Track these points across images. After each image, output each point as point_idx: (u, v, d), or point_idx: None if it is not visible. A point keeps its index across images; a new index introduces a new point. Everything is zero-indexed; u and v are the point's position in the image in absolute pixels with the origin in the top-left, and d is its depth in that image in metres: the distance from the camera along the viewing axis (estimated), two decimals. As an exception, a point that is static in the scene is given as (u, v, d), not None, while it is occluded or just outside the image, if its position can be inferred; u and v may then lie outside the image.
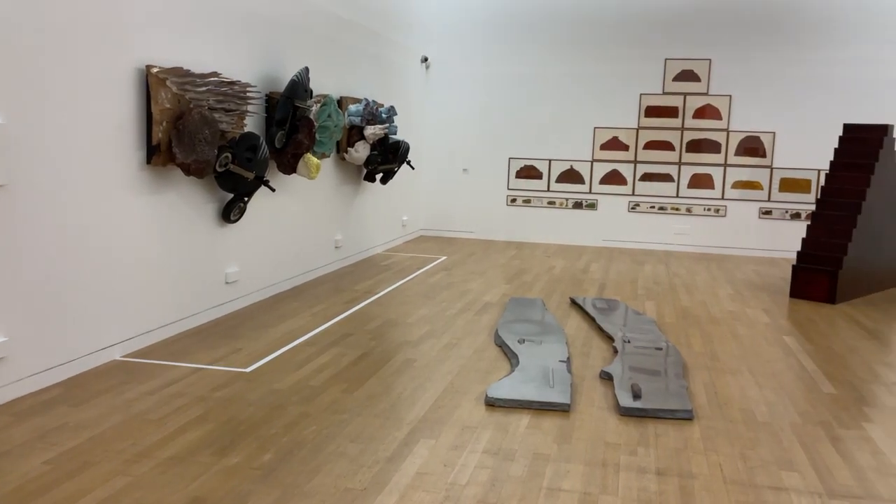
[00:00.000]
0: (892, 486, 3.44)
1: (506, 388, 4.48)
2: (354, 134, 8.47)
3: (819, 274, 7.67)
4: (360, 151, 8.46)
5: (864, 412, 4.45)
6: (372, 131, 8.45)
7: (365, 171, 9.00)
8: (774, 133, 10.67)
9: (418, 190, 11.46)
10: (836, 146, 8.50)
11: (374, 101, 8.62)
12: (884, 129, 8.28)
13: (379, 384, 4.65)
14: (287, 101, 6.58)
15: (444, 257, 9.69)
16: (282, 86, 6.81)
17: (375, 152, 8.70)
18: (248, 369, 4.85)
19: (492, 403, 4.32)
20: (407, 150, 9.13)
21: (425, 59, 11.44)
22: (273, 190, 6.49)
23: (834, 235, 7.88)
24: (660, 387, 4.61)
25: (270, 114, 6.64)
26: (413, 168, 9.85)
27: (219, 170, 5.69)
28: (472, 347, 5.55)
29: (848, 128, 8.52)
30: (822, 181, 8.50)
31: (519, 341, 5.50)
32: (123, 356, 5.02)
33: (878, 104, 10.18)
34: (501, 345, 5.56)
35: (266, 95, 6.66)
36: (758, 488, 3.37)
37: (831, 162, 8.41)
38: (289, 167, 6.86)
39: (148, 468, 3.38)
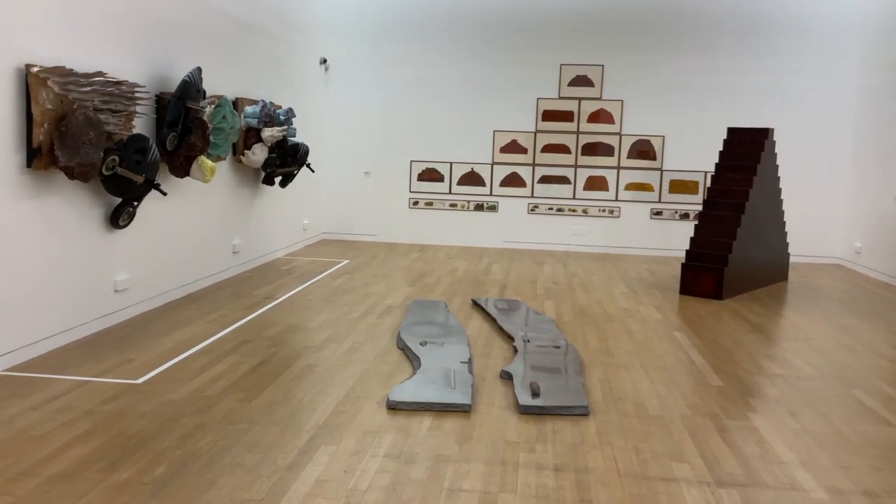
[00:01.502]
0: (776, 473, 3.63)
1: (407, 391, 4.47)
2: (251, 136, 8.29)
3: (706, 271, 8.03)
4: (258, 154, 8.29)
5: (749, 403, 4.67)
6: (270, 133, 8.29)
7: (263, 174, 8.82)
8: (664, 137, 11.10)
9: (319, 193, 11.33)
10: (721, 149, 8.92)
11: (271, 102, 8.46)
12: (765, 133, 8.74)
13: (278, 391, 4.56)
14: (179, 102, 6.37)
15: (346, 261, 9.61)
16: (173, 86, 6.59)
17: (274, 155, 8.54)
18: (140, 381, 4.66)
19: (394, 407, 4.30)
20: (306, 152, 9.01)
21: (324, 61, 11.32)
22: (164, 194, 6.27)
23: (720, 234, 8.26)
24: (558, 384, 4.71)
25: (161, 115, 6.41)
26: (313, 171, 9.72)
27: (105, 173, 5.45)
28: (375, 351, 5.52)
29: (732, 131, 8.96)
30: (709, 182, 8.90)
31: (421, 344, 5.51)
32: (5, 370, 4.74)
33: (760, 109, 10.74)
34: (403, 348, 5.56)
35: (156, 96, 6.43)
36: (650, 480, 3.48)
37: (716, 164, 8.82)
38: (182, 170, 6.64)
39: (31, 487, 3.20)
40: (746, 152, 8.67)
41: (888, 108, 9.63)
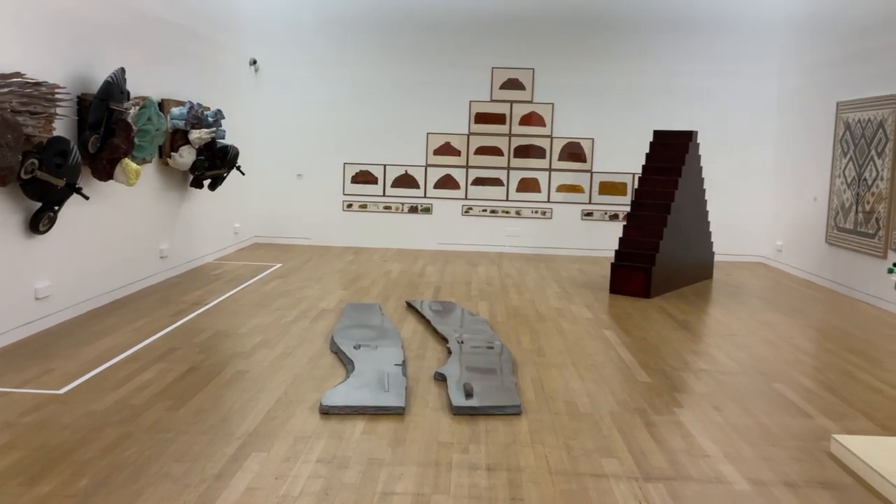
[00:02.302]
0: (701, 466, 3.73)
1: (340, 395, 4.45)
2: (179, 138, 8.11)
3: (635, 271, 8.21)
4: (186, 157, 8.11)
5: (675, 398, 4.80)
6: (197, 135, 8.12)
7: (191, 177, 8.64)
8: (593, 139, 11.31)
9: (251, 196, 11.15)
10: (648, 151, 9.14)
11: (199, 104, 8.29)
12: (689, 136, 8.99)
13: (207, 399, 4.48)
14: (101, 104, 6.19)
15: (279, 264, 9.49)
16: (95, 87, 6.40)
17: (202, 157, 8.37)
18: (62, 391, 4.51)
19: (326, 411, 4.27)
20: (236, 155, 8.86)
21: (254, 62, 11.16)
22: (86, 198, 6.09)
23: (647, 234, 8.46)
24: (491, 385, 4.75)
25: (83, 117, 6.22)
26: (243, 174, 9.57)
27: (24, 177, 5.26)
28: (308, 355, 5.47)
29: (657, 134, 9.19)
30: (637, 184, 9.12)
31: (355, 347, 5.48)
32: (-87, 384, 4.53)
33: (685, 112, 11.04)
34: (337, 351, 5.52)
35: (77, 97, 6.23)
36: (580, 476, 3.55)
37: (643, 166, 9.04)
38: (105, 173, 6.45)
39: (-59, 507, 3.07)
40: (671, 154, 8.91)
41: (807, 110, 10.03)
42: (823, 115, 9.43)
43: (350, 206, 11.57)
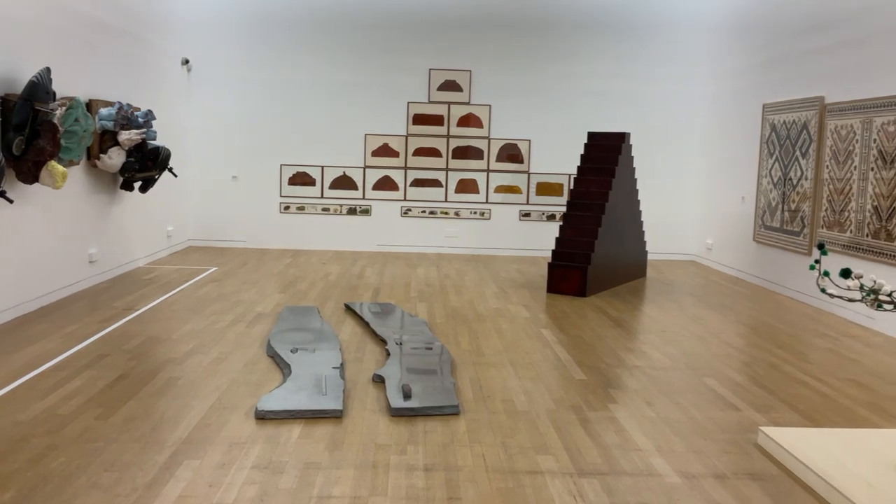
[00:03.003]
0: (634, 460, 3.81)
1: (277, 400, 4.39)
2: (107, 139, 7.90)
3: (571, 270, 8.33)
4: (115, 158, 7.91)
5: (609, 394, 4.89)
6: (127, 137, 7.92)
7: (121, 179, 8.42)
8: (530, 140, 11.44)
9: (184, 198, 10.93)
10: (583, 152, 9.29)
11: (128, 104, 8.09)
12: (622, 137, 9.17)
13: (138, 407, 4.37)
14: (26, 104, 5.98)
15: (214, 268, 9.32)
16: (19, 87, 6.18)
17: (132, 159, 8.16)
18: (-16, 402, 4.35)
19: (262, 416, 4.22)
20: (168, 156, 8.67)
21: (186, 62, 10.94)
22: (10, 201, 5.87)
23: (583, 234, 8.59)
24: (430, 385, 4.76)
25: (7, 118, 6.00)
26: (176, 175, 9.37)
27: (-59, 180, 5.05)
28: (243, 360, 5.39)
29: (592, 136, 9.35)
30: (572, 185, 9.25)
31: (292, 351, 5.43)
32: None
33: (619, 113, 11.25)
34: (274, 355, 5.46)
35: (1, 98, 6.00)
36: (517, 474, 3.58)
37: (578, 167, 9.18)
38: (30, 176, 6.24)
39: None
40: (605, 156, 9.07)
41: (734, 112, 10.33)
42: (750, 117, 9.74)
43: (287, 207, 11.44)
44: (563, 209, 10.90)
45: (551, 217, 11.50)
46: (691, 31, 11.26)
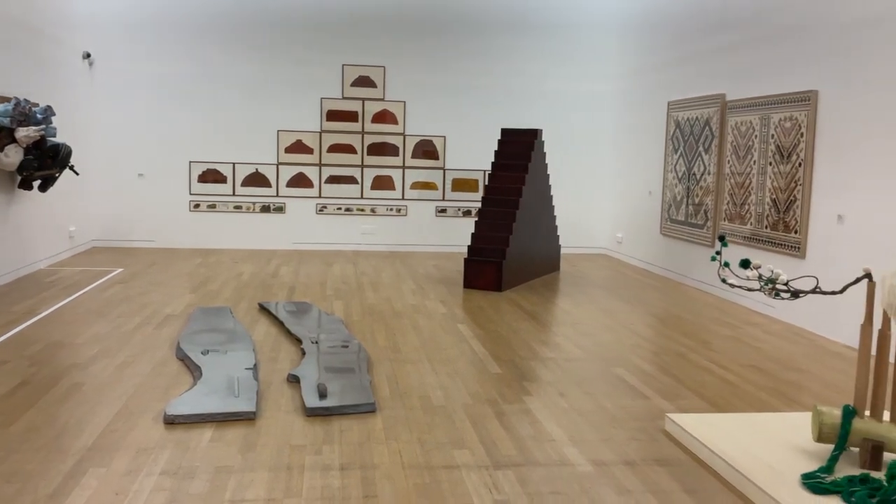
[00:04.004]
0: (547, 451, 3.88)
1: (187, 404, 4.28)
2: (4, 137, 7.52)
3: (487, 265, 8.42)
4: (12, 156, 7.53)
5: (524, 387, 4.96)
6: (25, 134, 7.56)
7: (19, 177, 8.02)
8: (445, 137, 11.49)
9: (88, 197, 10.50)
10: (496, 149, 9.39)
11: (26, 100, 7.72)
12: (534, 133, 9.32)
13: (40, 415, 4.18)
14: None
15: (120, 269, 8.99)
16: None
17: (31, 157, 7.80)
18: None
19: (171, 421, 4.10)
20: (69, 154, 8.32)
21: (88, 55, 10.51)
22: None
23: (497, 230, 8.69)
24: (346, 384, 4.72)
25: None
26: (77, 174, 8.99)
27: None
28: (151, 364, 5.22)
29: (505, 132, 9.46)
30: (487, 181, 9.35)
31: (202, 353, 5.29)
32: None
33: (532, 110, 11.42)
34: (184, 358, 5.31)
35: None
36: (433, 469, 3.60)
37: (492, 163, 9.28)
38: (-84, 175, 5.88)
39: None
40: (518, 152, 9.20)
41: (641, 109, 10.63)
42: (656, 114, 10.04)
43: (197, 206, 11.15)
44: (479, 205, 10.99)
45: (467, 213, 11.59)
46: (599, 31, 11.53)
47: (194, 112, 10.98)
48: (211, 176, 11.13)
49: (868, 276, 3.62)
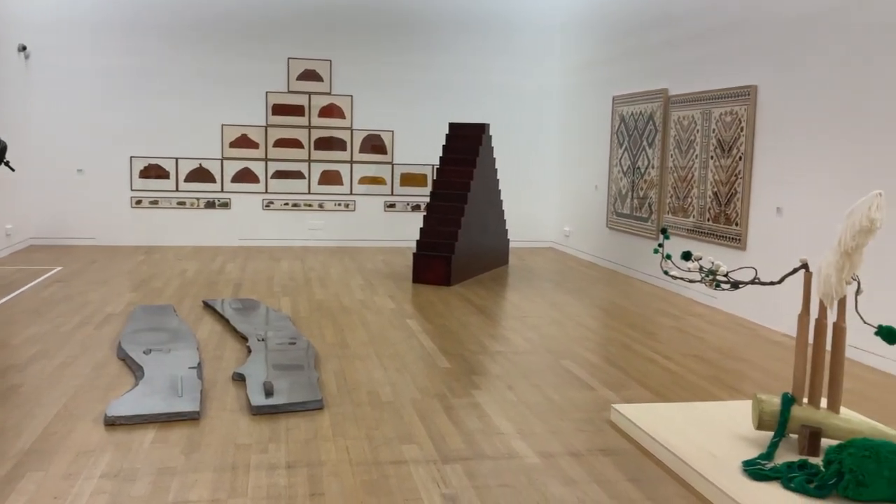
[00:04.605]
0: (495, 444, 3.90)
1: (128, 404, 4.18)
2: (-68, 131, 7.23)
3: (436, 259, 8.42)
4: (-59, 151, 7.25)
5: (473, 381, 4.98)
6: (-45, 128, 7.28)
7: (-50, 174, 7.74)
8: (393, 131, 11.44)
9: (24, 194, 10.17)
10: (444, 143, 9.39)
11: (-45, 92, 7.43)
12: (482, 128, 9.34)
13: (-28, 419, 4.04)
14: None
15: (59, 268, 8.74)
16: None
17: (-38, 152, 7.51)
18: None
19: (112, 423, 4.00)
20: (4, 149, 8.01)
21: (23, 48, 10.17)
22: None
23: (446, 224, 8.70)
24: (293, 381, 4.67)
25: None
26: (13, 170, 8.66)
27: None
28: (91, 364, 5.09)
29: (453, 126, 9.47)
30: (435, 175, 9.34)
31: (144, 352, 5.18)
32: None
33: (479, 104, 11.44)
34: (125, 357, 5.19)
35: None
36: (381, 465, 3.58)
37: (440, 158, 9.28)
38: None
39: None
40: (466, 146, 9.21)
41: (586, 104, 10.74)
42: (601, 109, 10.16)
43: (139, 202, 10.90)
44: (427, 200, 10.98)
45: (416, 207, 11.56)
46: (546, 25, 11.61)
47: (135, 106, 10.72)
48: (153, 171, 10.89)
49: (804, 266, 3.72)
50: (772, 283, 3.85)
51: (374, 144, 11.42)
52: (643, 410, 4.22)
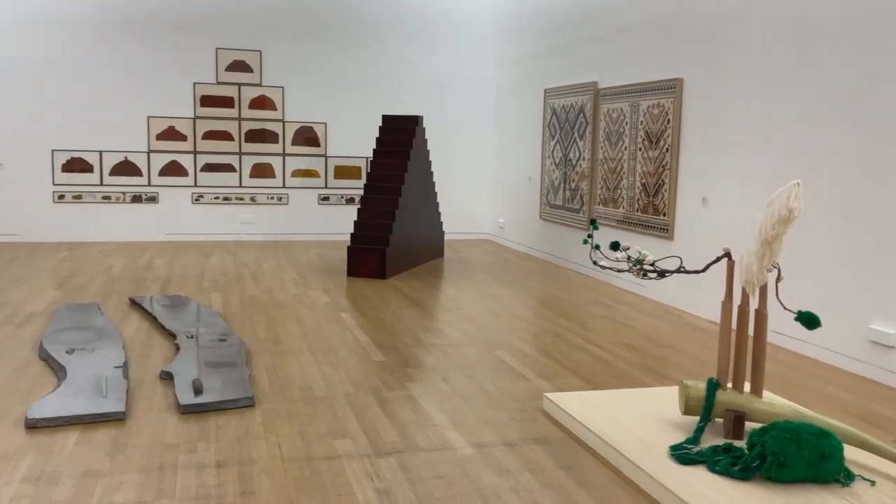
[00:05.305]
0: (429, 436, 3.90)
1: (50, 406, 4.03)
2: None
3: (370, 252, 8.37)
4: None
5: (407, 374, 4.97)
6: None
7: None
8: (326, 123, 11.32)
9: (-64, 189, 9.72)
10: (378, 135, 9.34)
11: None
12: (415, 120, 9.33)
13: None
14: None
15: (-25, 266, 8.39)
16: None
17: None
18: None
19: (33, 425, 3.85)
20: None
21: (-67, 35, 9.69)
22: None
23: (380, 217, 8.66)
24: (223, 378, 4.58)
25: None
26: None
27: None
28: (11, 366, 4.89)
29: (386, 118, 9.42)
30: (369, 168, 9.28)
31: (67, 352, 5.01)
32: None
33: (413, 97, 11.41)
34: (47, 358, 5.00)
35: None
36: (314, 461, 3.55)
37: (374, 150, 9.23)
38: None
39: None
40: (400, 139, 9.18)
41: (519, 96, 10.83)
42: (534, 101, 10.25)
43: (62, 197, 10.53)
44: (362, 192, 10.91)
45: (350, 200, 11.48)
46: (479, 17, 11.64)
47: (57, 98, 10.34)
48: (76, 165, 10.53)
49: (727, 255, 3.82)
50: (696, 272, 3.95)
51: (307, 137, 11.28)
52: (574, 399, 4.28)
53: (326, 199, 11.46)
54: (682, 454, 3.48)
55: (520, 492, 3.28)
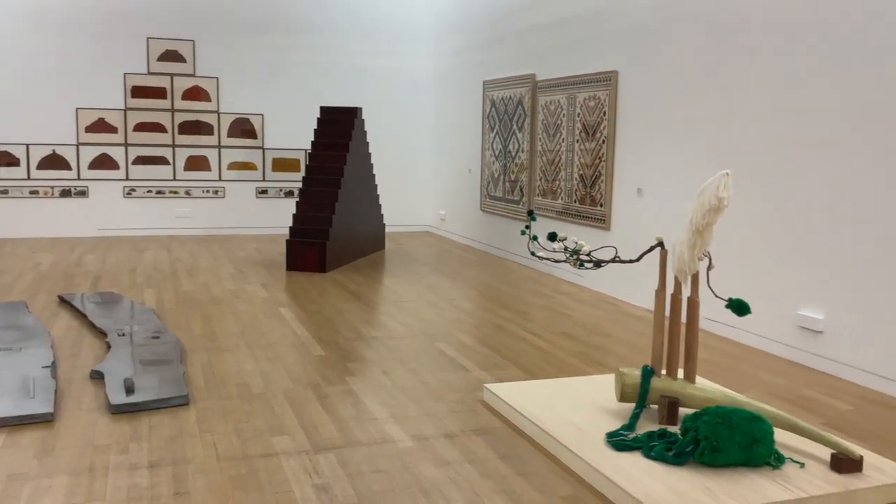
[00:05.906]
0: (369, 430, 3.88)
1: (-28, 409, 3.88)
2: None
3: (310, 246, 8.27)
4: None
5: (347, 368, 4.93)
6: None
7: None
8: (263, 115, 11.13)
9: None
10: (316, 127, 9.23)
11: None
12: (354, 112, 9.24)
13: None
14: None
15: None
16: None
17: None
18: None
19: (-46, 430, 3.70)
20: None
21: None
22: None
23: (320, 210, 8.56)
24: (157, 377, 4.47)
25: None
26: None
27: None
28: (-70, 368, 4.68)
29: (324, 110, 9.31)
30: (308, 160, 9.16)
31: (-9, 352, 4.82)
32: None
33: (353, 89, 11.30)
34: (-31, 359, 4.80)
35: None
36: (250, 458, 3.49)
37: (313, 142, 9.11)
38: None
39: None
40: (339, 130, 9.09)
41: (459, 89, 10.83)
42: (473, 93, 10.27)
43: (-14, 192, 10.12)
44: (300, 185, 10.78)
45: (289, 193, 11.33)
46: (418, 9, 11.59)
47: (-23, 87, 9.93)
48: (2, 159, 10.13)
49: (660, 244, 3.89)
50: (631, 262, 4.01)
51: (244, 129, 11.08)
52: (513, 389, 4.31)
53: (264, 192, 11.29)
54: (619, 441, 3.54)
55: (459, 483, 3.29)
